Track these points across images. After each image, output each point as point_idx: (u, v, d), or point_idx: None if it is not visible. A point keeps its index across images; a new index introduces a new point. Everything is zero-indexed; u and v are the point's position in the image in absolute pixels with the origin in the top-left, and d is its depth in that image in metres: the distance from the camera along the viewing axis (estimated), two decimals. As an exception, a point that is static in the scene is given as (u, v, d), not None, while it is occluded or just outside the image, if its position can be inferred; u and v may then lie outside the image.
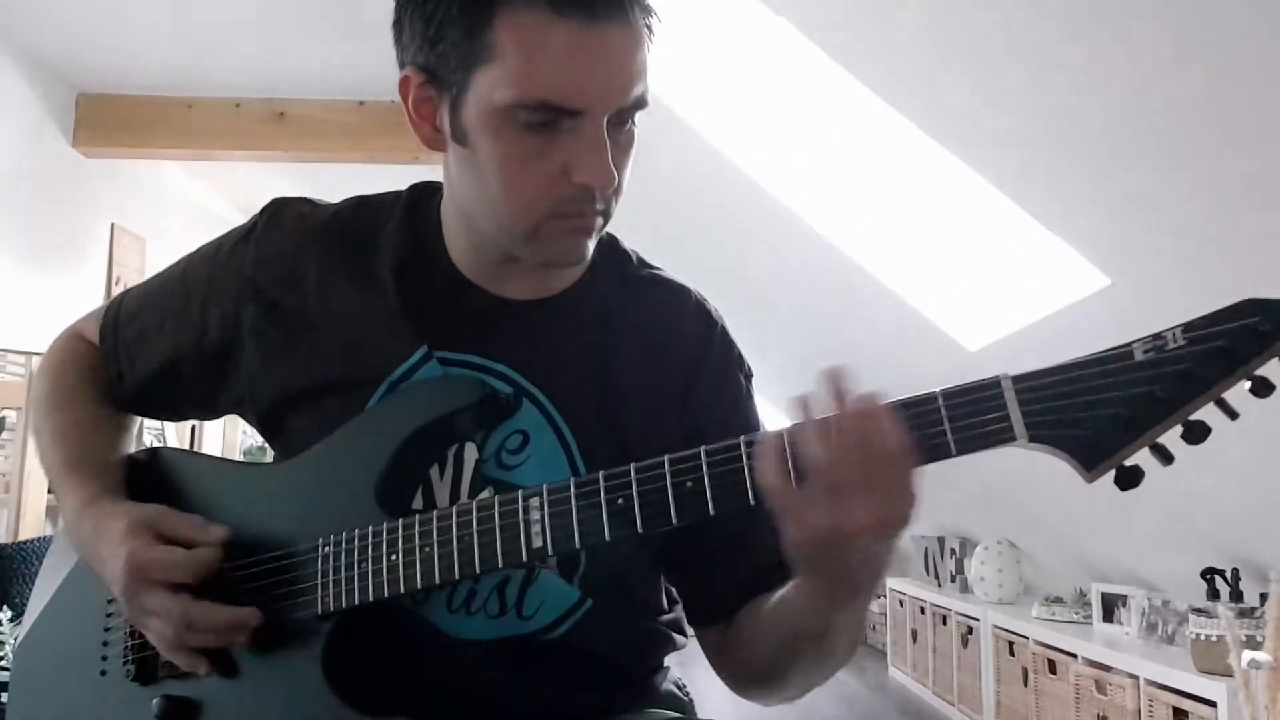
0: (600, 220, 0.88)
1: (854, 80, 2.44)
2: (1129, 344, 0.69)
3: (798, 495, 0.71)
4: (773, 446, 0.73)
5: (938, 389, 0.72)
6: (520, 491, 0.83)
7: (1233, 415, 0.67)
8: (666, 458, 0.78)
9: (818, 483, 0.70)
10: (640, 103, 0.84)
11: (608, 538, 0.79)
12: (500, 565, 0.83)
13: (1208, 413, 0.68)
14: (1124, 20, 1.70)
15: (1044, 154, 2.25)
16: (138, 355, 1.05)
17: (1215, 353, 0.67)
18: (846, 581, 0.76)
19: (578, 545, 0.81)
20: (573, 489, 0.81)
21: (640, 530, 0.78)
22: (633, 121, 0.86)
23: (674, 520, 0.78)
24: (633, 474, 0.79)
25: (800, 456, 0.71)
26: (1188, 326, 0.68)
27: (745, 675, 0.96)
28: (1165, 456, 0.69)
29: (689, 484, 0.77)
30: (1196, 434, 0.67)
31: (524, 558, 0.82)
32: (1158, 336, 0.68)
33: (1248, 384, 0.67)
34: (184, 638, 0.88)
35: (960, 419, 0.71)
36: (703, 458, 0.77)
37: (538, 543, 0.81)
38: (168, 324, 1.03)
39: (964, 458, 0.72)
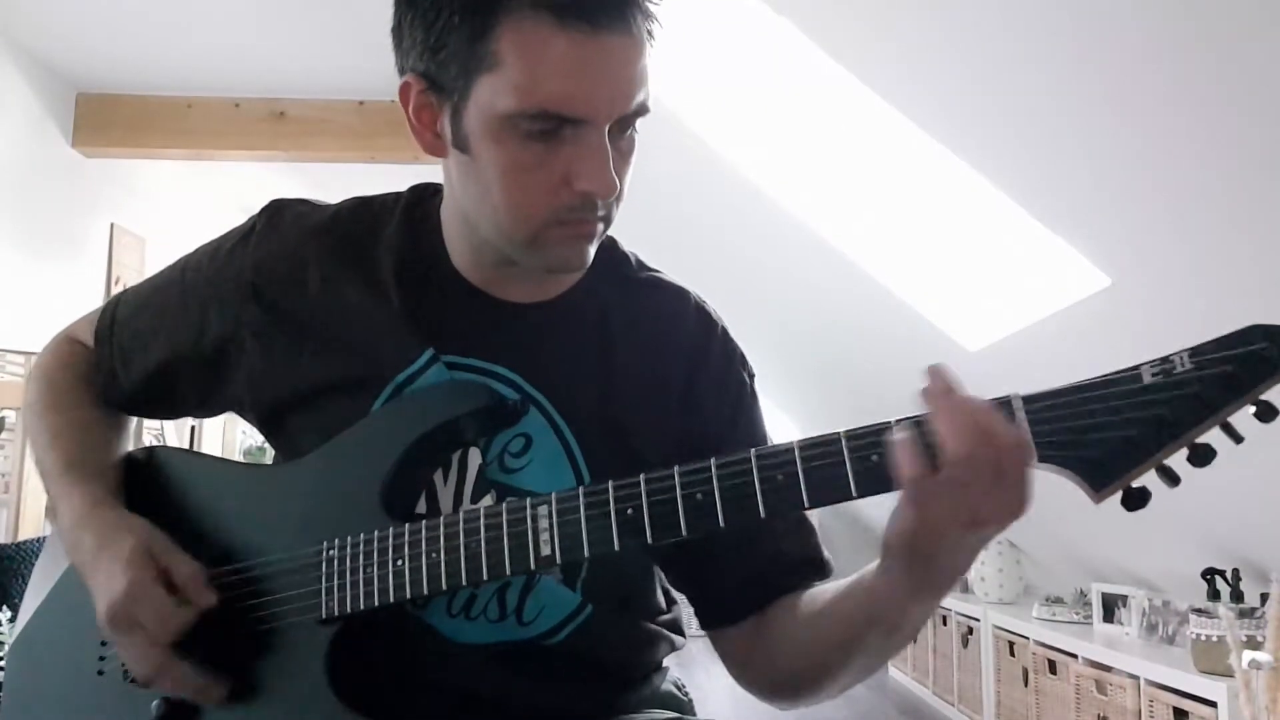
0: (601, 226, 0.88)
1: (854, 80, 2.43)
2: (1136, 366, 0.69)
3: (933, 484, 0.70)
4: (913, 436, 0.71)
5: None
6: (529, 499, 0.83)
7: (1237, 439, 0.68)
8: (677, 469, 0.78)
9: (954, 473, 0.69)
10: (642, 110, 0.84)
11: (616, 547, 0.79)
12: (508, 573, 0.83)
13: (1212, 435, 0.68)
14: (1126, 20, 1.70)
15: (1045, 153, 2.24)
16: (134, 355, 1.05)
17: (1221, 378, 0.67)
18: (948, 572, 0.76)
19: (586, 554, 0.80)
20: (581, 498, 0.81)
21: (650, 541, 0.78)
22: (634, 128, 0.86)
23: (683, 532, 0.77)
24: (642, 484, 0.79)
25: (935, 447, 0.70)
26: (1194, 351, 0.68)
27: (784, 677, 0.94)
28: (1171, 478, 0.70)
29: (699, 496, 0.77)
30: (1202, 457, 0.68)
31: (532, 565, 0.82)
32: (1165, 360, 0.69)
33: (1252, 408, 0.67)
34: (154, 681, 0.90)
35: None
36: (713, 470, 0.77)
37: (546, 551, 0.81)
38: (165, 325, 1.03)
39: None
